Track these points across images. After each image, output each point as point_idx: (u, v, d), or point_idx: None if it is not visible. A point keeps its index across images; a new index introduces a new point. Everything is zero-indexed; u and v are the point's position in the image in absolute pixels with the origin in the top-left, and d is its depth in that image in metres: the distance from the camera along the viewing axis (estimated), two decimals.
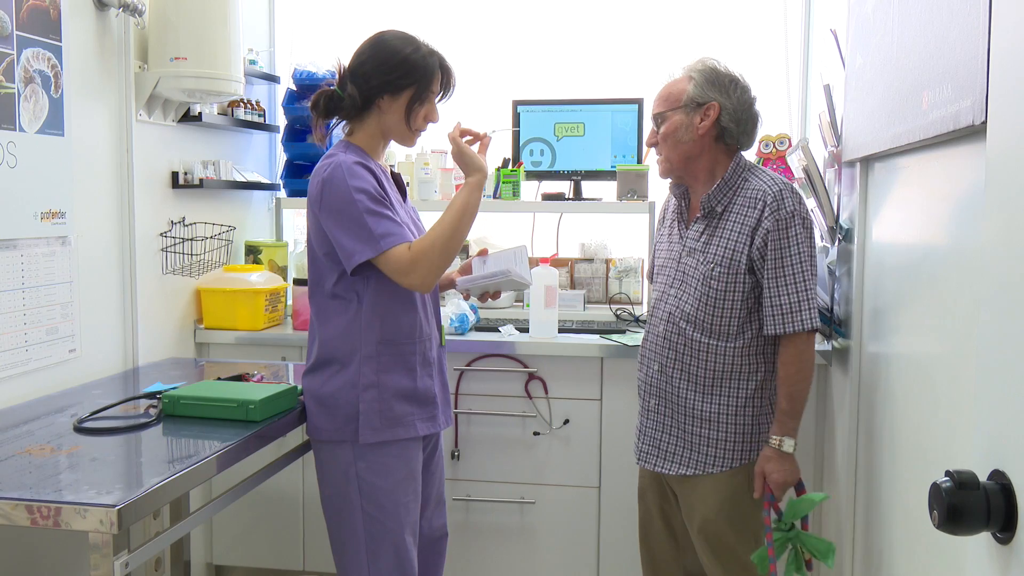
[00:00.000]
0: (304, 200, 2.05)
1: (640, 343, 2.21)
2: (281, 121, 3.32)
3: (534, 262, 2.78)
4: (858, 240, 2.10)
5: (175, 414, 2.00)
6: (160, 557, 2.70)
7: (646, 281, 2.84)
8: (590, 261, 3.29)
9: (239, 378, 2.24)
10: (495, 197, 3.09)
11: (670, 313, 2.09)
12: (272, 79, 3.35)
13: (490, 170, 2.39)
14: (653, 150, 2.14)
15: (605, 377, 2.74)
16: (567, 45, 3.34)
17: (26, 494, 1.50)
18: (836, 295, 2.35)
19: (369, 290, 1.97)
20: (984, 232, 0.93)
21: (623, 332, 2.86)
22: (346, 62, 2.03)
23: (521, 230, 3.32)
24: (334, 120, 2.05)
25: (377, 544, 1.99)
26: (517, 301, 3.31)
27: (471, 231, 2.03)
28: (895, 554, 1.75)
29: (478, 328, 2.94)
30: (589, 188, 3.20)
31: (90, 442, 1.82)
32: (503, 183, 3.08)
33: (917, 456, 1.61)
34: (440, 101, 2.06)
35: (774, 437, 1.99)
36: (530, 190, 3.24)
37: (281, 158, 3.37)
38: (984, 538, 0.87)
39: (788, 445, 1.98)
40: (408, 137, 2.05)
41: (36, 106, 2.18)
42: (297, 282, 3.00)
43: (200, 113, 2.83)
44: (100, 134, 2.48)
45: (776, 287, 1.97)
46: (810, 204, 2.29)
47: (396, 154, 3.22)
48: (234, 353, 2.93)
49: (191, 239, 2.88)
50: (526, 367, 2.77)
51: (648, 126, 2.17)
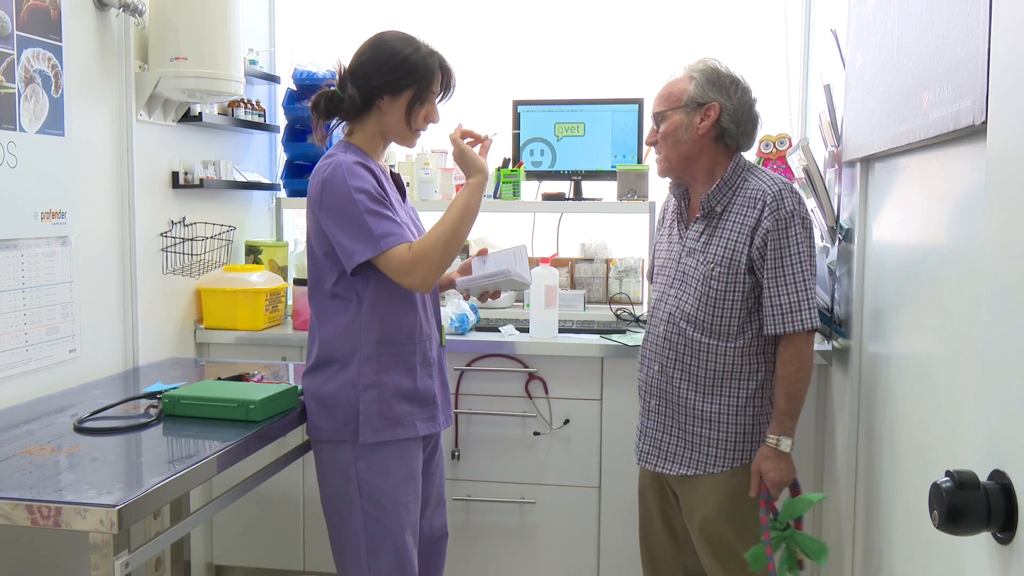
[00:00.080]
0: (304, 200, 2.05)
1: (640, 343, 2.21)
2: (281, 121, 3.32)
3: (534, 262, 2.78)
4: (858, 240, 2.10)
5: (175, 414, 2.00)
6: (160, 557, 2.70)
7: (646, 281, 2.83)
8: (590, 261, 3.29)
9: (239, 378, 2.24)
10: (495, 197, 3.09)
11: (670, 313, 2.09)
12: (272, 79, 3.35)
13: (490, 171, 2.39)
14: (653, 149, 2.14)
15: (605, 377, 2.74)
16: (567, 45, 3.34)
17: (26, 494, 1.50)
18: (836, 295, 2.35)
19: (369, 290, 1.97)
20: (984, 232, 0.93)
21: (623, 332, 2.86)
22: (346, 63, 2.03)
23: (521, 230, 3.32)
24: (334, 121, 2.05)
25: (377, 544, 1.99)
26: (517, 301, 3.31)
27: (471, 231, 2.03)
28: (895, 554, 1.75)
29: (478, 328, 2.94)
30: (589, 188, 3.21)
31: (90, 442, 1.82)
32: (503, 183, 3.08)
33: (917, 456, 1.61)
34: (440, 101, 2.06)
35: (771, 436, 1.99)
36: (530, 190, 3.24)
37: (281, 158, 3.37)
38: (984, 538, 0.87)
39: (785, 444, 1.98)
40: (408, 137, 2.05)
41: (36, 106, 2.18)
42: (297, 282, 3.00)
43: (200, 113, 2.83)
44: (100, 134, 2.48)
45: (776, 287, 1.97)
46: (810, 204, 2.29)
47: (396, 154, 3.21)
48: (234, 353, 2.93)
49: (191, 239, 2.89)
50: (526, 367, 2.77)
51: (648, 126, 2.17)
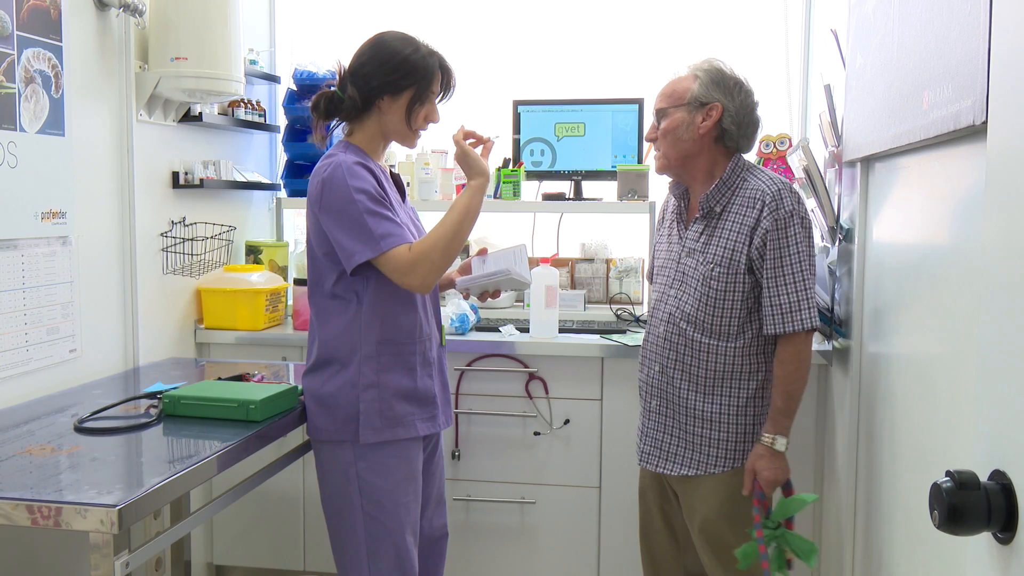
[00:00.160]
0: (304, 200, 2.05)
1: (640, 343, 2.21)
2: (281, 121, 3.32)
3: (534, 262, 2.78)
4: (858, 240, 2.10)
5: (175, 414, 2.00)
6: (160, 557, 2.70)
7: (646, 281, 2.83)
8: (590, 261, 3.29)
9: (239, 378, 2.24)
10: (495, 197, 3.09)
11: (670, 314, 2.09)
12: (272, 79, 3.35)
13: (491, 172, 2.39)
14: (652, 146, 2.14)
15: (605, 377, 2.74)
16: (567, 45, 3.34)
17: (27, 494, 1.50)
18: (836, 295, 2.35)
19: (369, 290, 1.97)
20: (984, 232, 0.93)
21: (623, 332, 2.86)
22: (346, 63, 2.03)
23: (521, 230, 3.32)
24: (334, 121, 2.05)
25: (377, 544, 1.99)
26: (517, 301, 3.31)
27: (471, 231, 2.03)
28: (895, 554, 1.75)
29: (478, 328, 2.94)
30: (589, 188, 3.21)
31: (90, 442, 1.82)
32: (503, 183, 3.08)
33: (917, 456, 1.61)
34: (440, 101, 2.06)
35: (767, 435, 1.99)
36: (530, 190, 3.24)
37: (281, 158, 3.37)
38: (984, 538, 0.87)
39: (780, 444, 1.98)
40: (408, 137, 2.05)
41: (36, 106, 2.18)
42: (297, 282, 3.00)
43: (200, 113, 2.83)
44: (100, 134, 2.48)
45: (775, 287, 1.97)
46: (810, 204, 2.29)
47: (396, 154, 3.21)
48: (234, 353, 2.93)
49: (191, 239, 2.89)
50: (526, 367, 2.77)
51: (648, 126, 2.16)
